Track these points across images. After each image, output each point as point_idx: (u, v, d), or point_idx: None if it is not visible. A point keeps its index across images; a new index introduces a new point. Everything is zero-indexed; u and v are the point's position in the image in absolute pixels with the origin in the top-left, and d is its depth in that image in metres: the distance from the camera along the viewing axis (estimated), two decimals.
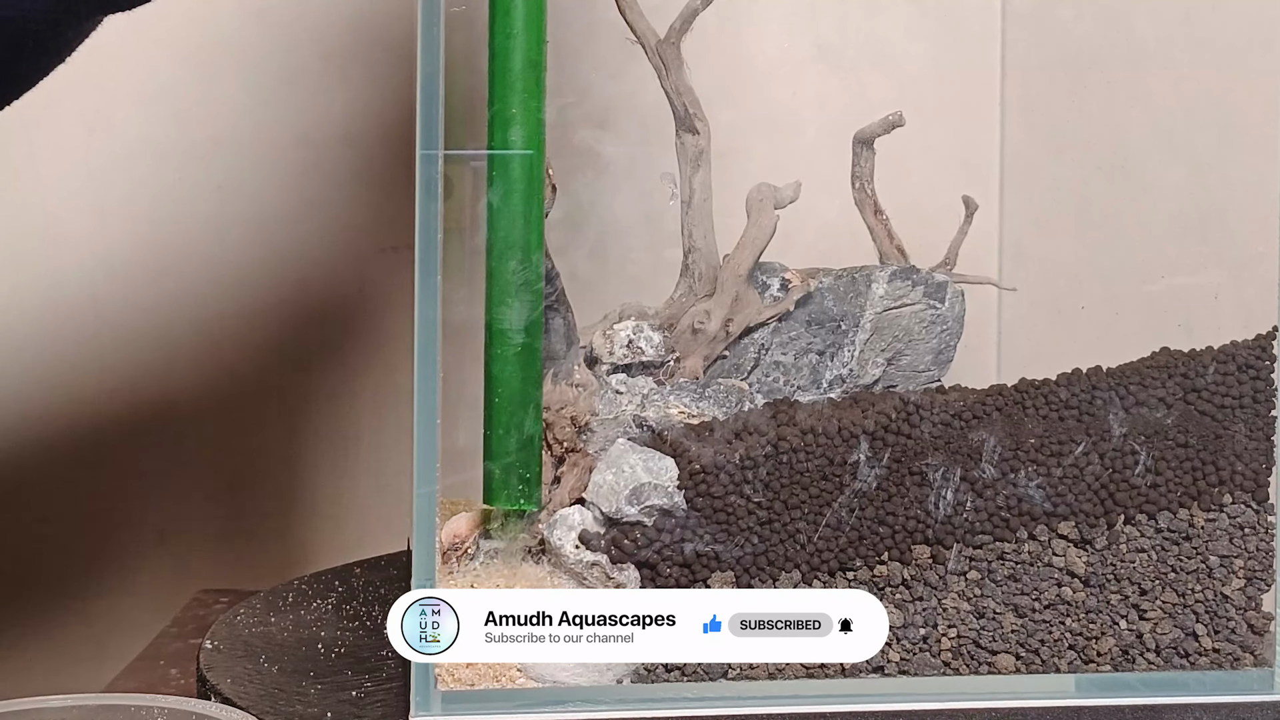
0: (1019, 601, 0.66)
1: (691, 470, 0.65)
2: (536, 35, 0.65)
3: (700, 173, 0.73)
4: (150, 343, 1.05)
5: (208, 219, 1.05)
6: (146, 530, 1.07)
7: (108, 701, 0.59)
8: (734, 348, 0.73)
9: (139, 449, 1.07)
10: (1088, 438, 0.66)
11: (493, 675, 0.64)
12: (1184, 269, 0.76)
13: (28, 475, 1.06)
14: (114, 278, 1.05)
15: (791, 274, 0.74)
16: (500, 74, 0.64)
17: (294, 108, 1.05)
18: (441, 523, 0.65)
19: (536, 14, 0.65)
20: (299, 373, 1.08)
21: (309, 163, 1.05)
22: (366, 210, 1.05)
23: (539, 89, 0.65)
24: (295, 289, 1.06)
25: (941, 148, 0.88)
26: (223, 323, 1.05)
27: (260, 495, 1.08)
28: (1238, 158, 0.77)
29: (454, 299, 0.64)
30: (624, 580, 0.64)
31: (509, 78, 0.64)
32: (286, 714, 0.65)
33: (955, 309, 0.74)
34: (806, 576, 0.65)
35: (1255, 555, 0.67)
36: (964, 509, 0.66)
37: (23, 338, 1.04)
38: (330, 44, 1.04)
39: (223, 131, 1.05)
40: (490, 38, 0.65)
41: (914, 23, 0.89)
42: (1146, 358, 0.69)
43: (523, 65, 0.65)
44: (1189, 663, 0.66)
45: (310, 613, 0.79)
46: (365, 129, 1.05)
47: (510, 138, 0.64)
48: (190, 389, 1.06)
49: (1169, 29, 0.83)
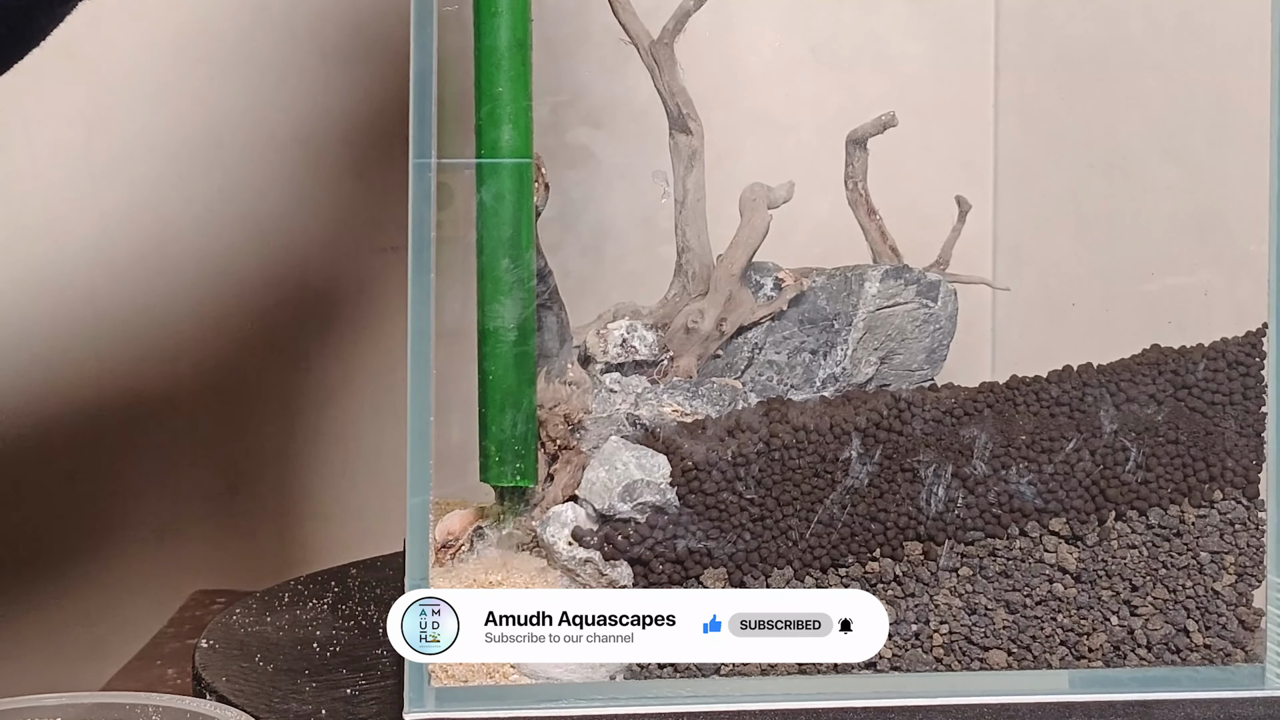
0: (1011, 598, 0.66)
1: (684, 467, 0.65)
2: (521, 13, 0.65)
3: (694, 172, 0.73)
4: (149, 342, 1.06)
5: (207, 218, 1.05)
6: (144, 530, 1.08)
7: (104, 700, 0.60)
8: (727, 347, 0.73)
9: (137, 448, 1.07)
10: (1079, 434, 0.67)
11: (486, 672, 0.64)
12: (1177, 268, 0.76)
13: (26, 474, 1.06)
14: (113, 277, 1.05)
15: (785, 273, 0.74)
16: (486, 55, 0.64)
17: (293, 108, 1.05)
18: (435, 520, 0.66)
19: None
20: (298, 373, 1.08)
21: (308, 162, 1.05)
22: (366, 210, 1.05)
23: (525, 69, 0.65)
24: (295, 289, 1.07)
25: (935, 147, 0.88)
26: (221, 322, 1.06)
27: (257, 495, 1.08)
28: (1231, 156, 0.77)
29: (448, 302, 0.64)
30: (616, 577, 0.65)
31: (495, 58, 0.64)
32: (281, 712, 0.66)
33: (948, 308, 0.75)
34: (799, 573, 0.65)
35: (1246, 551, 0.67)
36: (956, 506, 0.66)
37: (22, 336, 1.04)
38: (329, 44, 1.04)
39: (223, 131, 1.05)
40: (475, 16, 0.65)
41: (908, 22, 0.89)
42: (1137, 355, 0.70)
43: (509, 44, 0.65)
44: (1180, 658, 0.66)
45: (306, 612, 0.80)
46: (364, 129, 1.05)
47: (498, 114, 0.64)
48: (189, 389, 1.07)
49: (1163, 28, 0.83)
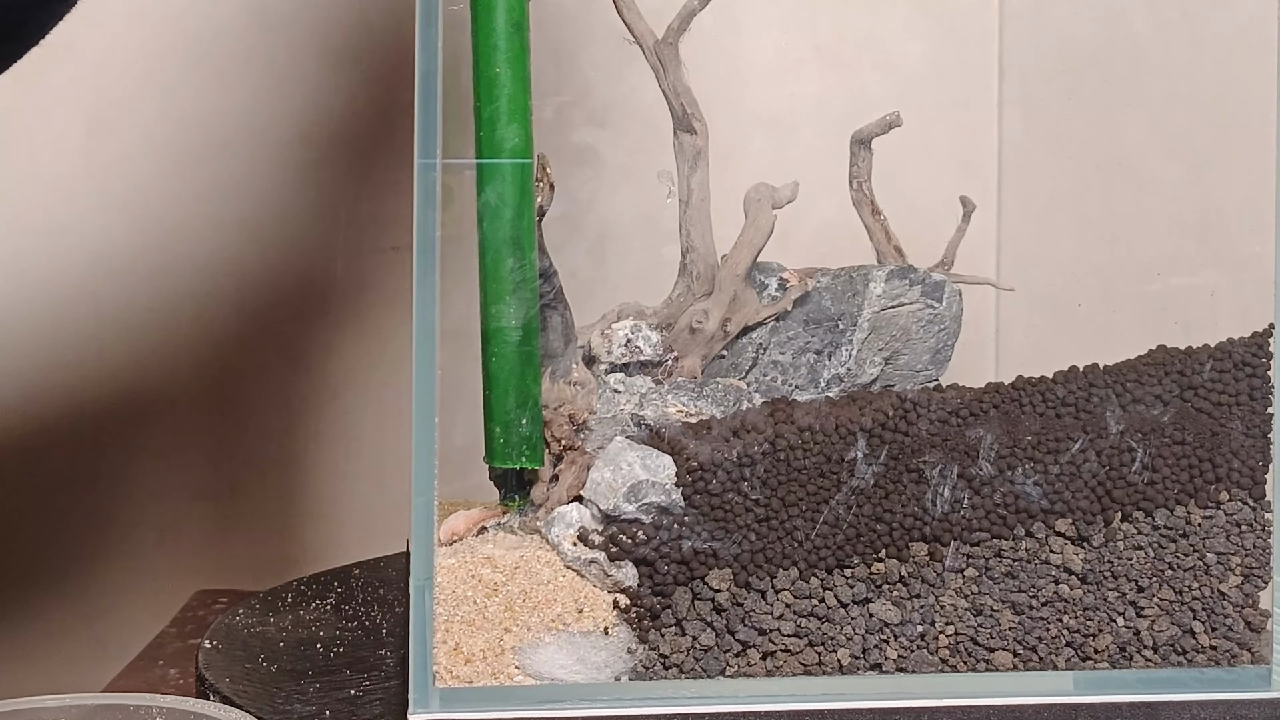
0: (1016, 599, 0.66)
1: (689, 467, 0.65)
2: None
3: (698, 172, 0.73)
4: (150, 342, 1.06)
5: (207, 218, 1.05)
6: (146, 530, 1.08)
7: (107, 701, 0.60)
8: (732, 347, 0.73)
9: (138, 448, 1.07)
10: (1085, 435, 0.67)
11: (490, 673, 0.64)
12: (1181, 268, 0.76)
13: (27, 474, 1.06)
14: (114, 277, 1.05)
15: (789, 273, 0.74)
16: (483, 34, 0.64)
17: (294, 108, 1.05)
18: (440, 520, 0.66)
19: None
20: (299, 373, 1.08)
21: (309, 162, 1.05)
22: (366, 210, 1.05)
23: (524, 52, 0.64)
24: (295, 288, 1.07)
25: (939, 147, 0.88)
26: (222, 322, 1.06)
27: (258, 495, 1.08)
28: (1235, 156, 0.77)
29: (453, 302, 0.64)
30: (622, 578, 0.64)
31: (492, 39, 0.64)
32: (285, 713, 0.65)
33: (953, 308, 0.75)
34: (804, 574, 0.65)
35: (1252, 552, 0.67)
36: (961, 506, 0.66)
37: (23, 336, 1.04)
38: (330, 44, 1.04)
39: (223, 131, 1.05)
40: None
41: (912, 22, 0.89)
42: (1143, 355, 0.69)
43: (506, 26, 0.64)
44: (1186, 660, 0.66)
45: (309, 613, 0.80)
46: (365, 128, 1.05)
47: (497, 97, 0.64)
48: (190, 389, 1.07)
49: (1167, 28, 0.83)
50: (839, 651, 0.65)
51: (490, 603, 0.64)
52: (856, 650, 0.65)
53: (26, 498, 1.06)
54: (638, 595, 0.65)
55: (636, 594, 0.65)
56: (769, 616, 0.65)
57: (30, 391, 1.05)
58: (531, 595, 0.65)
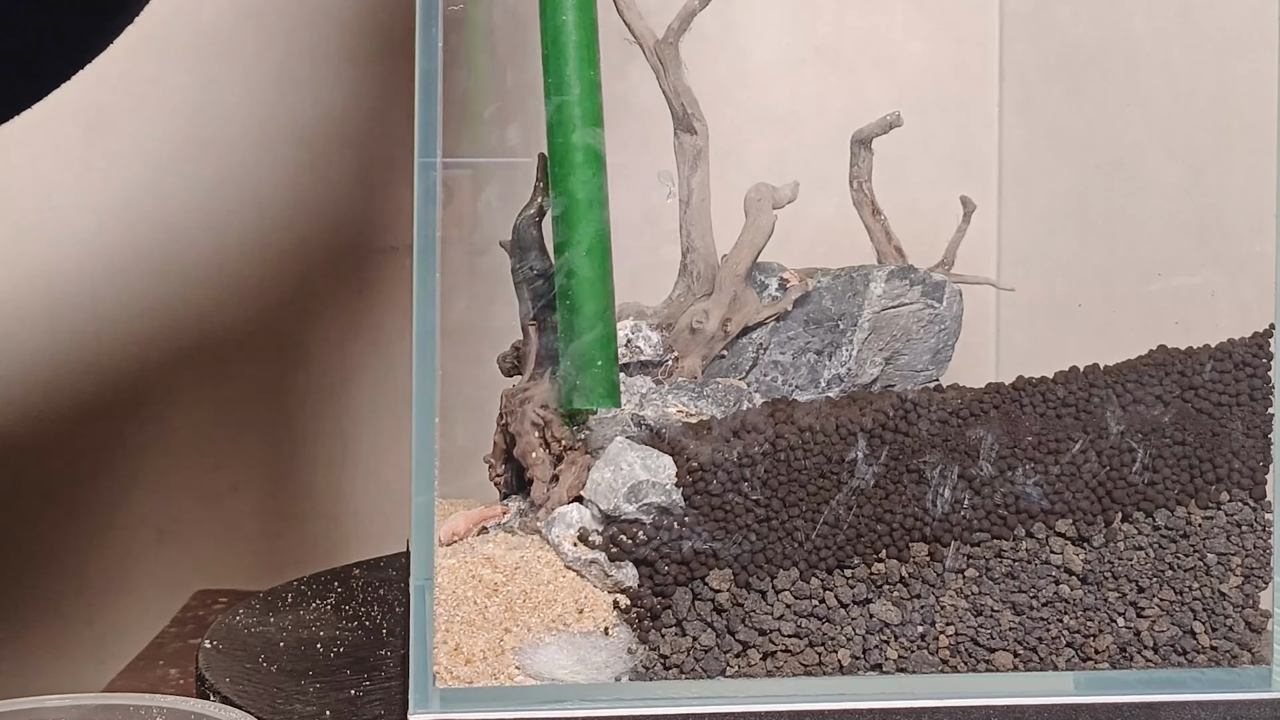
0: (1017, 599, 0.66)
1: (690, 468, 0.65)
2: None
3: (698, 172, 0.73)
4: (149, 342, 1.06)
5: (206, 219, 1.05)
6: (146, 530, 1.08)
7: (107, 701, 0.59)
8: (732, 347, 0.73)
9: (138, 448, 1.07)
10: (1085, 435, 0.66)
11: (491, 673, 0.64)
12: (1182, 268, 0.76)
13: (26, 473, 1.06)
14: (113, 277, 1.05)
15: (790, 274, 0.74)
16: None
17: (292, 108, 1.05)
18: (440, 520, 0.66)
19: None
20: (298, 373, 1.08)
21: (307, 162, 1.05)
22: (366, 210, 1.05)
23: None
24: (294, 288, 1.07)
25: (939, 147, 0.88)
26: (221, 322, 1.06)
27: (259, 495, 1.08)
28: (1235, 156, 0.77)
29: (452, 301, 0.64)
30: (622, 578, 0.64)
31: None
32: (285, 713, 0.65)
33: (953, 309, 0.75)
34: (804, 574, 0.65)
35: (1253, 553, 0.67)
36: (962, 507, 0.66)
37: (22, 337, 1.04)
38: (329, 44, 1.04)
39: (221, 132, 1.05)
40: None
41: (912, 22, 0.89)
42: (1143, 355, 0.69)
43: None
44: (1187, 660, 0.66)
45: (309, 613, 0.80)
46: (364, 129, 1.05)
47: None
48: (189, 388, 1.07)
49: (1166, 28, 0.83)
50: (839, 652, 0.65)
51: (490, 603, 0.64)
52: (857, 650, 0.65)
53: (26, 498, 1.06)
54: (638, 596, 0.65)
55: (637, 594, 0.65)
56: (769, 617, 0.65)
57: (30, 391, 1.05)
58: (532, 595, 0.65)
